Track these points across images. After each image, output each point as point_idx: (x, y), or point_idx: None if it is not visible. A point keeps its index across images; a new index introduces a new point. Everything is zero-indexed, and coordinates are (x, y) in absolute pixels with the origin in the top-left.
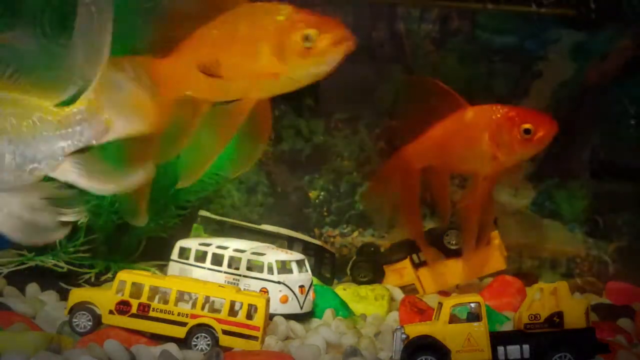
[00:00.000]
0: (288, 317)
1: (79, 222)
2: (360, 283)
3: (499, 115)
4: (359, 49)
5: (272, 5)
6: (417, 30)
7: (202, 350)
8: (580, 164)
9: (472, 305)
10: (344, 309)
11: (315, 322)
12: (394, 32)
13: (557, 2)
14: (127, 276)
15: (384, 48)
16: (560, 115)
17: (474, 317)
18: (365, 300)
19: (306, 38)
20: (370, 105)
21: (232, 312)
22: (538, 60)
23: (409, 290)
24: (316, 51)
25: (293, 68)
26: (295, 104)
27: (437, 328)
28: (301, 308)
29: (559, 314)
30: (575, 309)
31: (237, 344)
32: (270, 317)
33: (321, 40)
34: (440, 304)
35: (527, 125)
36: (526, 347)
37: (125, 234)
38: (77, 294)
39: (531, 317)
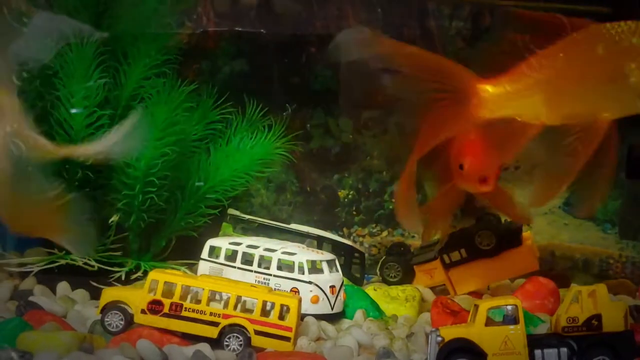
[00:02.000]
0: (319, 317)
1: (110, 221)
2: (390, 283)
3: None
4: None
5: (631, 24)
6: (448, 27)
7: (234, 350)
8: None
9: (509, 307)
10: (374, 310)
11: (346, 322)
12: (425, 29)
13: None
14: (159, 276)
15: (415, 45)
16: None
17: (510, 319)
18: (396, 301)
19: None
20: None
21: (264, 312)
22: None
23: (439, 291)
24: None
25: None
26: (325, 102)
27: (473, 331)
28: (332, 308)
29: (598, 317)
30: (614, 312)
31: (270, 344)
32: (301, 317)
33: None
34: (476, 306)
35: (461, 161)
36: (564, 350)
37: (156, 232)
38: (109, 293)
39: (569, 320)
